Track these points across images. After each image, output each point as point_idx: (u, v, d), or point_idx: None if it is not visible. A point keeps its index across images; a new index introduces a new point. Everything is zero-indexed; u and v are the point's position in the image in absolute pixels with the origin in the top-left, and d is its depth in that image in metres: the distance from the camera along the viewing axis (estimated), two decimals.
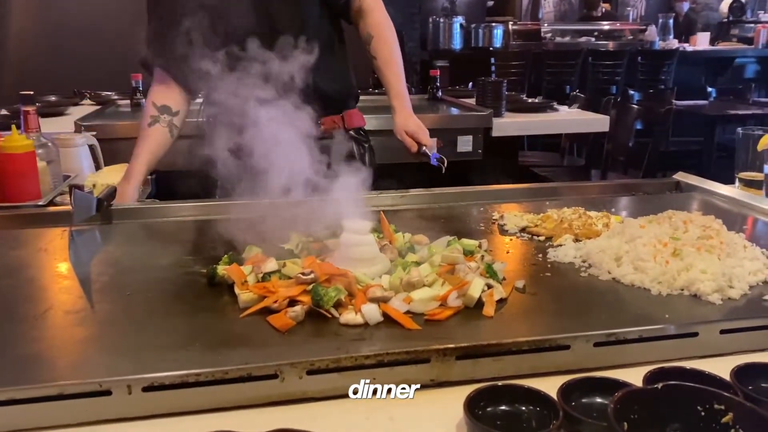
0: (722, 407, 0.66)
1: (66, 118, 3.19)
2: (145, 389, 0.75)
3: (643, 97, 5.25)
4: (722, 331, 0.89)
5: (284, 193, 1.16)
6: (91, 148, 2.18)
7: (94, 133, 2.26)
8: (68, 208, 1.53)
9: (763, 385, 0.77)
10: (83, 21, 5.34)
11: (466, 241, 1.18)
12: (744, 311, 0.96)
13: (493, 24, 7.30)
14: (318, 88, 1.52)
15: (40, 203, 1.65)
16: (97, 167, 2.16)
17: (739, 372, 0.76)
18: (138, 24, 1.94)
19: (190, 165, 1.97)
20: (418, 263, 1.08)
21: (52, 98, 3.64)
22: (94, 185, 1.80)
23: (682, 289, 1.01)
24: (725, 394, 0.67)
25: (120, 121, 3.07)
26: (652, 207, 1.44)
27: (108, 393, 0.75)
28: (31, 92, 1.86)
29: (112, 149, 2.40)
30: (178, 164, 2.56)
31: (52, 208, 1.58)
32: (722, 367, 0.78)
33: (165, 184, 2.13)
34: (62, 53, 5.20)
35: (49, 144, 1.87)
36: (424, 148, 1.77)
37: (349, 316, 0.93)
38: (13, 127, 1.67)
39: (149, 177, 1.97)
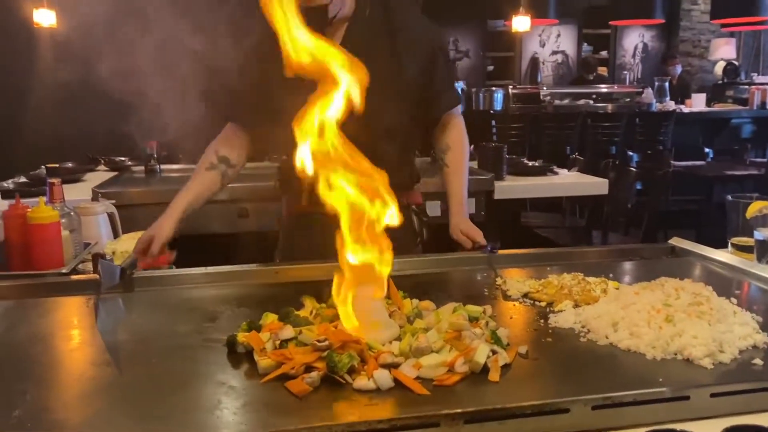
0: None
1: (83, 185, 3.30)
2: None
3: (642, 158, 5.38)
4: (713, 395, 0.95)
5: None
6: (110, 215, 2.27)
7: (113, 201, 2.36)
8: (91, 276, 1.60)
9: None
10: (97, 91, 5.55)
11: (471, 307, 1.24)
12: (734, 375, 1.02)
13: (494, 88, 7.53)
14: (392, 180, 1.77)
15: (63, 271, 1.73)
16: (115, 234, 2.24)
17: None
18: (150, 92, 2.07)
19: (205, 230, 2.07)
20: (426, 329, 1.14)
21: (69, 165, 3.77)
22: (113, 252, 1.88)
23: (675, 354, 1.07)
24: None
25: (136, 187, 3.19)
26: (649, 272, 1.51)
27: None
28: (57, 164, 1.97)
29: (129, 216, 2.49)
30: (191, 229, 2.66)
31: (75, 277, 1.65)
32: (712, 429, 0.84)
33: (188, 248, 2.21)
34: (77, 120, 5.39)
35: (72, 213, 1.97)
36: (477, 243, 1.94)
37: (362, 382, 0.99)
38: (41, 199, 1.76)
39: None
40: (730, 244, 1.76)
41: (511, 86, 7.70)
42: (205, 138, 2.17)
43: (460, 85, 7.45)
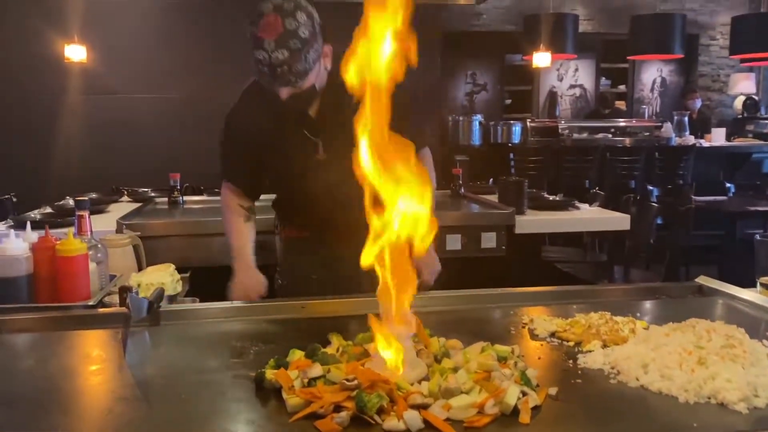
0: None
1: (107, 216, 3.35)
2: None
3: (662, 193, 5.35)
4: None
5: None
6: (135, 247, 2.30)
7: (138, 233, 2.39)
8: (118, 309, 1.62)
9: None
10: (122, 123, 5.67)
11: (499, 347, 1.24)
12: None
13: (512, 121, 7.56)
14: None
15: (90, 303, 1.74)
16: (140, 267, 2.26)
17: None
18: (174, 126, 2.13)
19: (225, 262, 2.13)
20: (454, 369, 1.13)
21: (93, 195, 3.82)
22: (138, 285, 1.89)
23: (709, 398, 1.06)
24: None
25: (159, 219, 3.22)
26: (676, 311, 1.50)
27: None
28: (85, 197, 2.00)
29: (152, 248, 2.52)
30: (213, 261, 2.69)
31: (101, 310, 1.67)
32: None
33: (200, 280, 2.24)
34: (102, 152, 5.50)
35: (99, 245, 1.99)
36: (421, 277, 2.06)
37: (391, 423, 0.98)
38: (70, 231, 1.79)
39: (185, 275, 2.08)
40: (759, 284, 1.73)
41: (529, 119, 7.74)
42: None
43: (478, 118, 7.50)
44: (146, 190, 4.20)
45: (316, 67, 1.81)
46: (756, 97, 8.95)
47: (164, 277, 1.94)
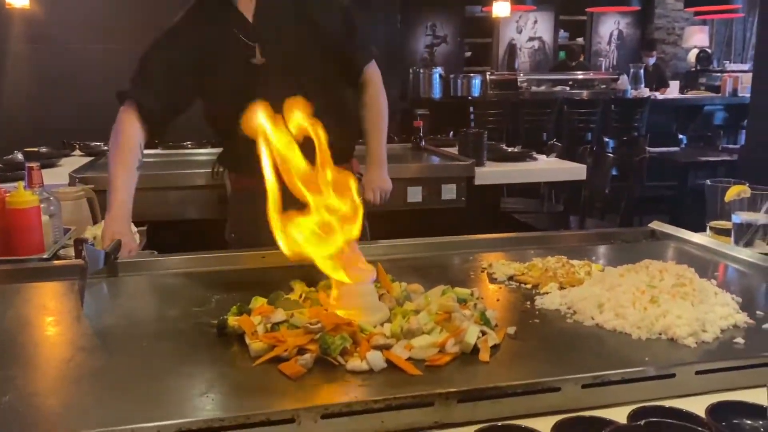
0: None
1: (59, 170, 3.24)
2: None
3: (618, 144, 5.44)
4: (697, 372, 0.98)
5: None
6: (89, 200, 2.24)
7: (92, 186, 2.33)
8: (73, 261, 1.58)
9: (734, 420, 0.85)
10: (71, 74, 5.45)
11: (459, 289, 1.26)
12: (717, 353, 1.05)
13: (471, 74, 7.54)
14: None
15: (44, 256, 1.70)
16: (95, 220, 2.22)
17: (713, 409, 0.84)
18: (125, 78, 2.05)
19: (182, 216, 2.09)
20: (416, 312, 1.15)
21: (44, 150, 3.69)
22: (94, 237, 1.86)
23: (660, 334, 1.10)
24: (701, 430, 0.75)
25: None
26: (630, 255, 1.54)
27: None
28: (36, 149, 1.94)
29: (106, 201, 2.46)
30: (170, 215, 2.64)
31: (57, 262, 1.63)
32: (698, 406, 0.87)
33: (157, 234, 2.20)
34: (51, 105, 5.29)
35: (51, 198, 1.93)
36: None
37: (355, 363, 1.00)
38: (20, 183, 1.73)
39: (143, 229, 2.04)
40: (708, 228, 1.79)
41: (488, 72, 7.73)
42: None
43: (438, 71, 7.45)
44: (99, 143, 4.07)
45: None
46: (709, 50, 9.10)
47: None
